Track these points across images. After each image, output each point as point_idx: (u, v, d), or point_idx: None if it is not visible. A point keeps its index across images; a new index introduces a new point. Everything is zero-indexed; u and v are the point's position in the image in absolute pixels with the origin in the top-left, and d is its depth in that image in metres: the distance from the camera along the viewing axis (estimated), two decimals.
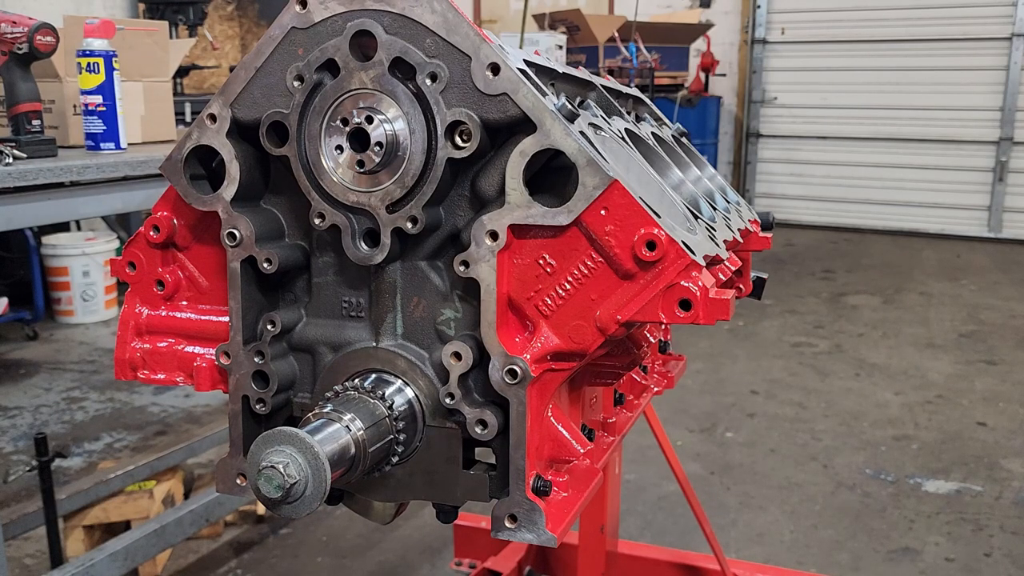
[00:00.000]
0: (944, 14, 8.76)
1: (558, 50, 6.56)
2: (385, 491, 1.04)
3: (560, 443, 0.98)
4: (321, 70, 0.98)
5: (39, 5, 6.42)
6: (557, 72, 1.23)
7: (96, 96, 2.41)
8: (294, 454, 0.82)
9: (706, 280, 0.90)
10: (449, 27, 0.94)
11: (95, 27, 2.42)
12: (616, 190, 0.89)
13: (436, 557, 2.99)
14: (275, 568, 2.95)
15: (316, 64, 0.97)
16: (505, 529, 0.95)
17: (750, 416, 4.28)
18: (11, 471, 3.21)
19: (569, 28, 8.08)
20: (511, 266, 0.94)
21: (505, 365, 0.93)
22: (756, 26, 9.56)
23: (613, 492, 2.03)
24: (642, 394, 1.38)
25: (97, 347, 5.31)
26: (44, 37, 2.31)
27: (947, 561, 3.02)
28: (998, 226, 8.85)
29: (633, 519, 3.26)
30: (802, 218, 9.50)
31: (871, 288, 6.83)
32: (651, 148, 1.32)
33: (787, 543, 3.13)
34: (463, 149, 0.94)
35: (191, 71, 6.18)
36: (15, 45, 2.28)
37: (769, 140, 9.75)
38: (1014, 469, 3.72)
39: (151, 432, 4.01)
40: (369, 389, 0.97)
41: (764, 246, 1.53)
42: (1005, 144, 8.73)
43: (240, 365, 1.04)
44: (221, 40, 8.48)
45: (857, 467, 3.73)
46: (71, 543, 2.84)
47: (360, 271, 1.02)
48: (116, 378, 1.20)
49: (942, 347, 5.37)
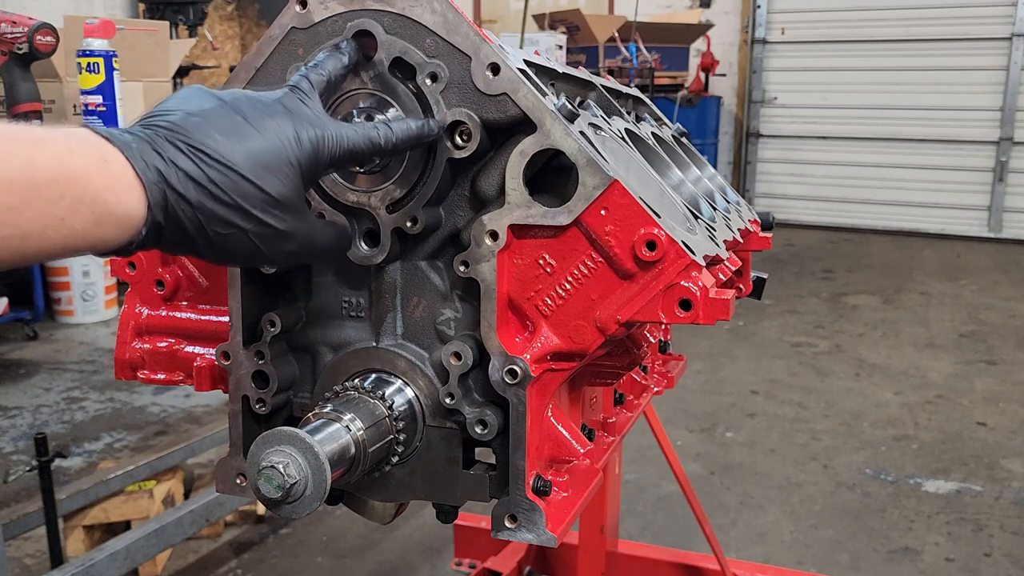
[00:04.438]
0: (944, 14, 8.76)
1: (558, 50, 6.56)
2: (385, 491, 1.04)
3: (560, 443, 0.98)
4: None
5: (39, 5, 6.43)
6: (557, 72, 1.23)
7: (96, 96, 2.41)
8: (294, 454, 0.82)
9: (706, 280, 0.90)
10: (449, 27, 0.94)
11: (95, 27, 2.42)
12: (616, 190, 0.89)
13: (436, 557, 2.99)
14: (275, 568, 2.95)
15: None
16: (505, 529, 0.95)
17: (750, 416, 4.28)
18: (11, 471, 3.21)
19: (569, 28, 8.08)
20: (511, 266, 0.95)
21: (505, 365, 0.93)
22: (756, 26, 9.56)
23: (613, 492, 2.03)
24: (642, 394, 1.38)
25: (97, 347, 5.31)
26: (44, 37, 2.32)
27: (947, 561, 3.02)
28: (998, 226, 8.85)
29: (633, 519, 3.26)
30: (802, 218, 9.50)
31: (871, 288, 6.83)
32: (651, 148, 1.32)
33: (787, 543, 3.13)
34: (463, 149, 0.94)
35: (191, 71, 6.18)
36: (15, 45, 2.29)
37: (769, 140, 9.75)
38: (1014, 469, 3.72)
39: (151, 432, 4.01)
40: (369, 389, 0.97)
41: (764, 246, 1.53)
42: (1005, 144, 8.73)
43: (240, 365, 1.04)
44: (221, 40, 8.48)
45: (857, 467, 3.73)
46: (71, 543, 2.84)
47: (360, 271, 1.02)
48: (116, 378, 1.20)
49: (942, 347, 5.37)
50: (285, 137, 0.80)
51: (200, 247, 0.78)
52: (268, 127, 0.80)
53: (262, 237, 0.79)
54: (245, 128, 0.78)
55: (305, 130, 0.82)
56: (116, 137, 0.73)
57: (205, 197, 0.75)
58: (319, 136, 0.82)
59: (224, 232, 0.77)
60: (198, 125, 0.76)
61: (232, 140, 0.77)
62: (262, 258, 0.82)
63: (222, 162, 0.76)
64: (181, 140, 0.75)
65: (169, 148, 0.74)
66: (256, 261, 0.83)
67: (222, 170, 0.75)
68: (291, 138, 0.80)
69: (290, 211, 0.81)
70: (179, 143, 0.75)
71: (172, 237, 0.76)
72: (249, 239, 0.79)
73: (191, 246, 0.78)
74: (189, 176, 0.74)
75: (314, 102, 0.86)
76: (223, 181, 0.75)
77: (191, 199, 0.74)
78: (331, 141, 0.83)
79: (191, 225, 0.75)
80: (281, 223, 0.80)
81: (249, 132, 0.78)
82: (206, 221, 0.76)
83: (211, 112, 0.78)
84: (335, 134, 0.84)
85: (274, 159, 0.79)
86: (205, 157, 0.75)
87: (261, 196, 0.78)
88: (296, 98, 0.85)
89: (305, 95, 0.86)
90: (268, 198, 0.78)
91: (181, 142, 0.75)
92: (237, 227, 0.77)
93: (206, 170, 0.75)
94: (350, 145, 0.85)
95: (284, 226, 0.80)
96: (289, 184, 0.80)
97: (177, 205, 0.74)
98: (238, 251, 0.79)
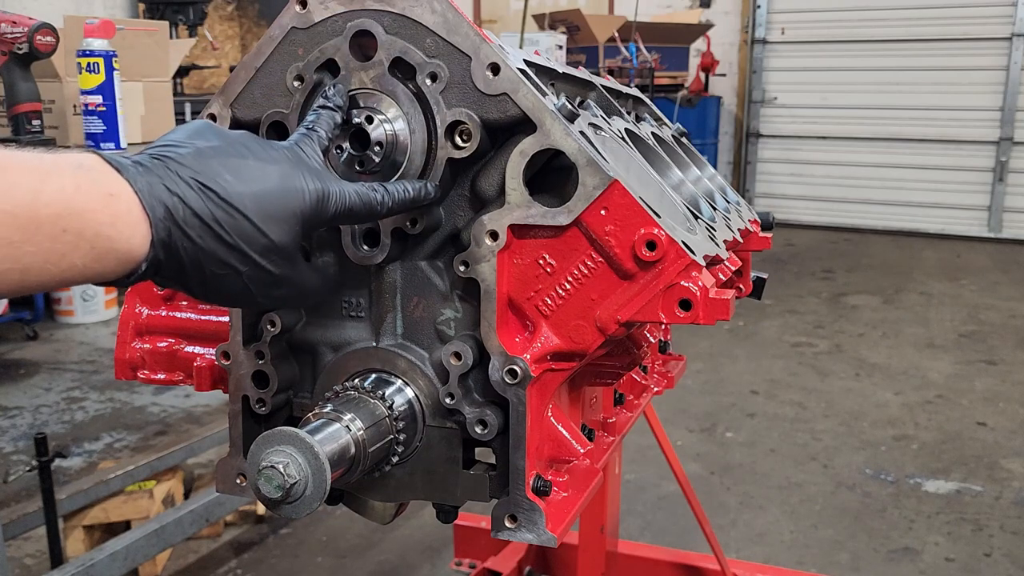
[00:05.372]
0: (944, 14, 8.76)
1: (558, 50, 6.56)
2: (385, 491, 1.04)
3: (560, 443, 0.98)
4: (321, 70, 0.98)
5: (39, 5, 6.43)
6: (557, 72, 1.23)
7: (96, 96, 2.41)
8: (294, 454, 0.82)
9: (706, 280, 0.89)
10: (449, 27, 0.94)
11: (95, 27, 2.42)
12: (616, 190, 0.89)
13: (436, 557, 2.99)
14: (275, 568, 2.95)
15: (316, 64, 0.97)
16: (505, 529, 0.95)
17: (750, 416, 4.28)
18: (11, 471, 3.21)
19: (569, 28, 8.08)
20: (511, 266, 0.94)
21: (505, 365, 0.93)
22: (756, 26, 9.56)
23: (613, 492, 2.03)
24: (642, 394, 1.38)
25: (97, 347, 5.31)
26: (44, 37, 2.32)
27: (947, 561, 3.02)
28: (998, 226, 8.85)
29: (633, 519, 3.26)
30: (802, 218, 9.50)
31: (871, 288, 6.83)
32: (651, 148, 1.32)
33: (787, 543, 3.13)
34: (463, 149, 0.94)
35: (191, 71, 6.18)
36: (15, 45, 2.29)
37: (769, 140, 9.75)
38: (1014, 469, 3.72)
39: (151, 432, 4.01)
40: (369, 389, 0.97)
41: (764, 246, 1.53)
42: (1005, 144, 8.73)
43: (240, 365, 1.04)
44: (221, 40, 8.48)
45: (857, 467, 3.73)
46: (71, 543, 2.84)
47: (360, 271, 1.02)
48: (116, 378, 1.20)
49: (942, 347, 5.37)
50: (292, 187, 0.80)
51: (192, 284, 0.77)
52: (277, 173, 0.80)
53: (256, 281, 0.79)
54: (255, 171, 0.78)
55: (312, 183, 0.82)
56: (125, 168, 0.72)
57: (209, 236, 0.74)
58: (324, 191, 0.83)
59: (220, 272, 0.77)
60: (208, 162, 0.76)
61: (241, 182, 0.77)
62: (251, 300, 0.82)
63: (230, 203, 0.75)
64: (191, 176, 0.74)
65: (179, 183, 0.74)
66: (245, 303, 0.84)
67: (229, 211, 0.75)
68: (298, 189, 0.80)
69: (286, 258, 0.81)
70: (189, 179, 0.74)
71: (168, 272, 0.75)
72: (242, 281, 0.79)
73: (184, 282, 0.77)
74: (196, 213, 0.74)
75: (319, 157, 0.86)
76: (229, 222, 0.75)
77: (195, 237, 0.74)
78: (335, 197, 0.84)
79: (189, 262, 0.75)
80: (277, 268, 0.80)
81: (258, 176, 0.78)
82: (205, 260, 0.75)
83: (221, 150, 0.78)
84: (339, 191, 0.84)
85: (280, 207, 0.79)
86: (214, 196, 0.75)
87: (264, 242, 0.78)
88: (306, 150, 0.85)
89: (314, 148, 0.87)
90: (269, 244, 0.78)
91: (191, 178, 0.74)
92: (233, 269, 0.77)
93: (213, 209, 0.74)
94: (351, 204, 0.85)
95: (279, 271, 0.81)
96: (290, 233, 0.80)
97: (180, 242, 0.74)
98: (230, 292, 0.79)
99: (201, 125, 0.81)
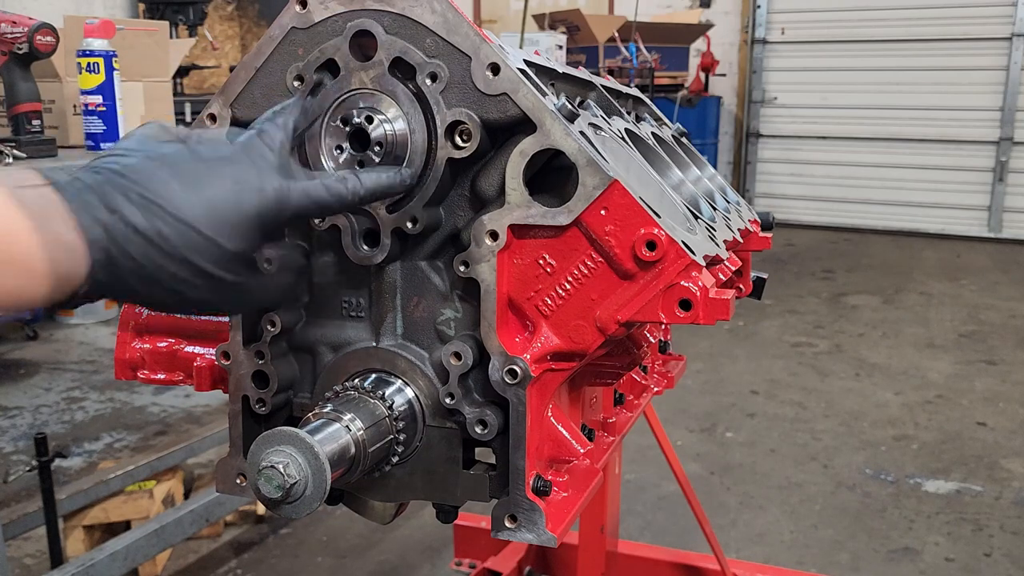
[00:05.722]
0: (944, 14, 8.76)
1: (558, 50, 6.56)
2: (385, 491, 1.04)
3: (560, 443, 0.98)
4: (321, 70, 0.98)
5: (39, 5, 6.42)
6: (557, 72, 1.23)
7: (96, 96, 2.41)
8: (294, 454, 0.82)
9: (706, 280, 0.89)
10: (449, 27, 0.94)
11: (95, 27, 2.42)
12: (616, 190, 0.89)
13: (436, 557, 2.99)
14: (275, 568, 2.95)
15: (316, 64, 0.97)
16: (505, 529, 0.95)
17: (750, 416, 4.28)
18: (11, 471, 3.21)
19: (569, 28, 8.08)
20: (511, 266, 0.94)
21: (505, 365, 0.93)
22: (756, 26, 9.56)
23: (613, 492, 2.03)
24: (642, 394, 1.38)
25: (97, 347, 5.31)
26: (44, 37, 2.32)
27: (947, 561, 3.02)
28: (998, 226, 8.85)
29: (633, 519, 3.26)
30: (802, 218, 9.50)
31: (871, 288, 6.83)
32: (651, 148, 1.32)
33: (787, 543, 3.13)
34: (463, 149, 0.94)
35: (191, 71, 6.19)
36: (15, 45, 2.28)
37: (769, 140, 9.75)
38: (1014, 469, 3.72)
39: (151, 432, 4.01)
40: (369, 389, 0.97)
41: (764, 246, 1.53)
42: (1005, 144, 8.73)
43: (240, 365, 1.04)
44: (221, 40, 8.48)
45: (857, 467, 3.73)
46: (71, 543, 2.84)
47: (360, 271, 1.02)
48: (116, 378, 1.20)
49: (942, 347, 5.37)
50: (248, 188, 0.76)
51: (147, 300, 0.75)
52: (230, 175, 0.76)
53: (215, 291, 0.77)
54: (206, 176, 0.75)
55: (270, 181, 0.78)
56: (64, 188, 0.69)
57: (155, 253, 0.71)
58: (284, 188, 0.79)
59: (175, 287, 0.74)
60: (155, 172, 0.72)
61: (190, 190, 0.73)
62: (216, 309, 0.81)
63: (177, 216, 0.72)
64: (134, 190, 0.71)
65: (119, 199, 0.70)
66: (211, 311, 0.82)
67: (175, 225, 0.72)
68: (254, 188, 0.77)
69: (245, 264, 0.78)
70: (131, 193, 0.71)
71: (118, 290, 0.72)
72: (201, 292, 0.76)
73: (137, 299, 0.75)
74: (138, 230, 0.70)
75: (281, 150, 0.82)
76: (175, 237, 0.72)
77: (137, 256, 0.70)
78: (296, 193, 0.80)
79: (138, 280, 0.72)
80: (235, 276, 0.77)
81: (210, 181, 0.74)
82: (155, 276, 0.72)
83: (171, 157, 0.75)
84: (301, 187, 0.80)
85: (234, 212, 0.75)
86: (158, 210, 0.71)
87: (217, 252, 0.74)
88: (263, 145, 0.81)
89: (272, 142, 0.82)
90: (223, 252, 0.75)
91: (134, 192, 0.71)
92: (188, 282, 0.74)
93: (160, 225, 0.71)
94: (316, 198, 0.82)
95: (238, 279, 0.78)
96: (247, 238, 0.76)
97: (123, 262, 0.70)
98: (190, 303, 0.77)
99: (155, 128, 0.79)
